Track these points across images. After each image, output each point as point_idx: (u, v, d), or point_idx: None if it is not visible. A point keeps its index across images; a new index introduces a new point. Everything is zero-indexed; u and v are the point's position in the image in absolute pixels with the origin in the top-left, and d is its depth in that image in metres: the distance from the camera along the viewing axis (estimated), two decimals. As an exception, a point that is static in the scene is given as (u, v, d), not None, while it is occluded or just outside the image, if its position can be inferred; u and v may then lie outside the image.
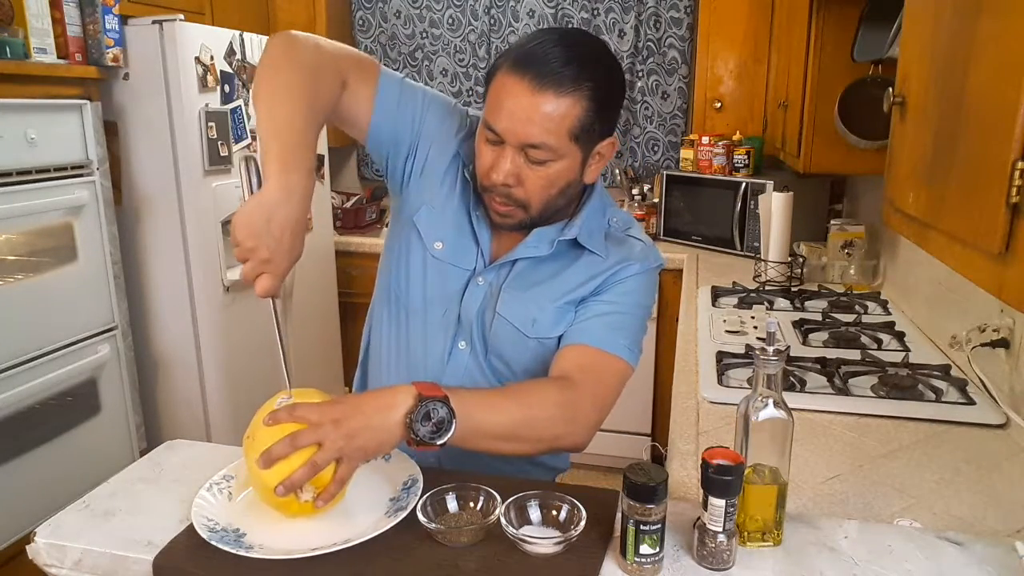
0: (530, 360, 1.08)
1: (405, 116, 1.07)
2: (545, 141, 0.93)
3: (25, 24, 1.88)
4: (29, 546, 0.85)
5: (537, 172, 0.97)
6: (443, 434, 0.83)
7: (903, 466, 1.15)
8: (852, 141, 1.93)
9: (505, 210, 1.01)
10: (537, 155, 0.95)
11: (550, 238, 1.06)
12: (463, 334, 1.09)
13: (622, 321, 1.04)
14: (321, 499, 0.80)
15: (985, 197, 0.70)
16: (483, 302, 1.08)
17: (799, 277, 2.30)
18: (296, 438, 0.79)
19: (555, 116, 0.92)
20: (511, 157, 0.96)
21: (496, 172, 0.97)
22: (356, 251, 3.11)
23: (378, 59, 3.65)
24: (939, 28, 0.90)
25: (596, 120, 0.96)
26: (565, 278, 1.07)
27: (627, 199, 3.06)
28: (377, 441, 0.82)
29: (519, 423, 0.91)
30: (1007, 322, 1.34)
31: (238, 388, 2.42)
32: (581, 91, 0.93)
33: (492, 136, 0.96)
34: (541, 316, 1.06)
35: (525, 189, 0.98)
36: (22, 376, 1.88)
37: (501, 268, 1.08)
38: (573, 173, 1.00)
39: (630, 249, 1.09)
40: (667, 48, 3.12)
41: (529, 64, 0.92)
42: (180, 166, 2.22)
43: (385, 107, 1.05)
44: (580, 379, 0.98)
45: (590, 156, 1.00)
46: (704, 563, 0.78)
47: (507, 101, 0.93)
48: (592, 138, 0.98)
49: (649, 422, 2.89)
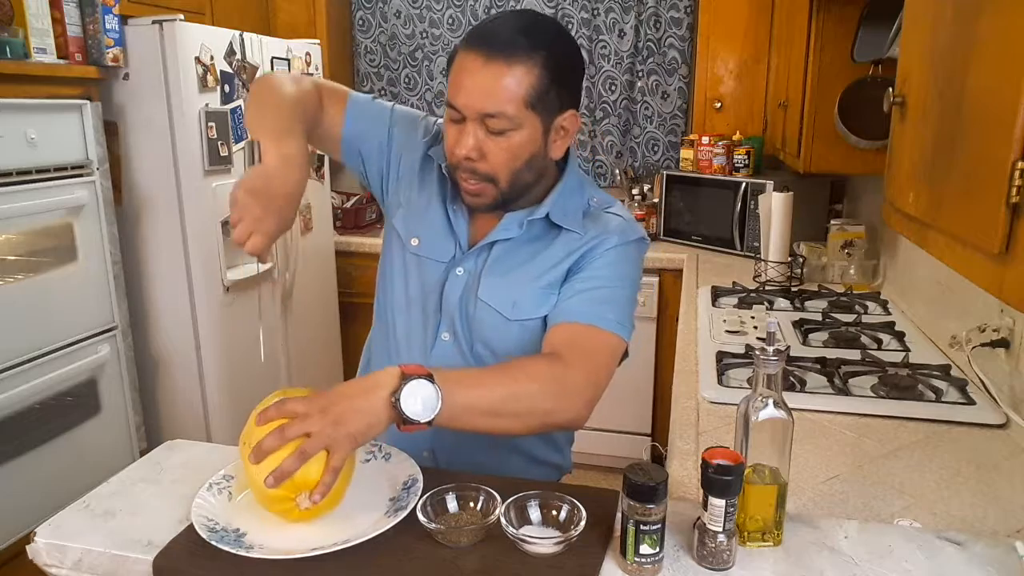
0: (514, 345, 1.09)
1: (374, 127, 1.15)
2: (501, 109, 0.97)
3: (25, 24, 1.88)
4: (29, 546, 0.85)
5: (499, 143, 1.00)
6: (428, 411, 0.83)
7: (903, 466, 1.15)
8: (852, 141, 1.93)
9: (475, 188, 1.04)
10: (495, 124, 0.98)
11: (519, 220, 1.09)
12: (446, 325, 1.11)
13: (606, 295, 1.04)
14: (318, 492, 0.80)
15: (985, 197, 0.70)
16: (464, 291, 1.10)
17: (799, 277, 2.30)
18: (285, 430, 0.80)
19: (509, 84, 0.96)
20: (472, 131, 0.99)
21: (459, 147, 1.00)
22: (356, 251, 3.11)
23: (378, 59, 3.64)
24: (939, 28, 0.90)
25: (551, 89, 0.99)
26: (543, 258, 1.08)
27: (627, 199, 3.06)
28: (365, 424, 0.82)
29: (506, 397, 0.91)
30: (1007, 322, 1.34)
31: (238, 388, 2.42)
32: (533, 59, 0.97)
33: (454, 114, 1.00)
34: (521, 298, 1.07)
35: (489, 162, 1.01)
36: (22, 376, 1.88)
37: (479, 255, 1.10)
38: (535, 145, 1.02)
39: (607, 223, 1.10)
40: (667, 48, 3.12)
41: (481, 38, 0.98)
42: (180, 166, 2.22)
43: (354, 118, 1.14)
44: (568, 354, 0.97)
45: (551, 128, 1.03)
46: (704, 563, 0.78)
47: (463, 76, 0.98)
48: (549, 108, 1.00)
49: (649, 422, 2.89)
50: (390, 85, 3.47)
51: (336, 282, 3.08)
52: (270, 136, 0.94)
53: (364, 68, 3.48)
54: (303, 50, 2.73)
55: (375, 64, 3.47)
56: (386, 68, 3.46)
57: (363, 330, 1.28)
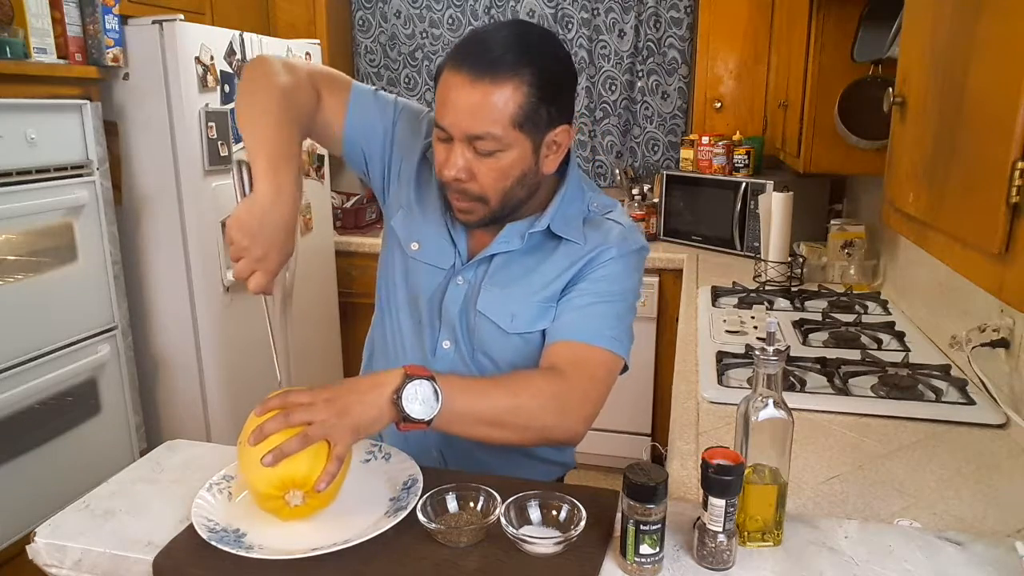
0: (515, 356, 1.08)
1: (377, 123, 1.11)
2: (488, 131, 0.94)
3: (25, 24, 1.88)
4: (29, 546, 0.85)
5: (488, 164, 0.97)
6: (427, 412, 0.85)
7: (903, 466, 1.15)
8: (852, 141, 1.93)
9: (464, 206, 1.02)
10: (484, 146, 0.95)
11: (520, 232, 1.07)
12: (447, 333, 1.11)
13: (604, 311, 1.03)
14: (322, 481, 0.80)
15: (985, 197, 0.70)
16: (464, 301, 1.09)
17: (799, 277, 2.30)
18: (289, 415, 0.81)
19: (496, 105, 0.93)
20: (460, 151, 0.97)
21: (448, 168, 0.98)
22: (356, 251, 3.11)
23: (378, 59, 3.64)
24: (939, 28, 0.90)
25: (540, 107, 0.95)
26: (544, 270, 1.07)
27: (627, 199, 3.06)
28: (368, 417, 0.83)
29: (506, 409, 0.92)
30: (1007, 322, 1.34)
31: (238, 388, 2.42)
32: (520, 78, 0.93)
33: (442, 134, 0.98)
34: (520, 311, 1.06)
35: (479, 183, 0.99)
36: (22, 376, 1.88)
37: (479, 266, 1.09)
38: (526, 163, 0.99)
39: (607, 233, 1.08)
40: (667, 48, 3.12)
41: (466, 57, 0.94)
42: (180, 166, 2.22)
43: (357, 113, 1.09)
44: (569, 372, 0.97)
45: (542, 145, 1.00)
46: (704, 563, 0.78)
47: (449, 96, 0.95)
48: (539, 126, 0.97)
49: (649, 422, 2.89)
50: (390, 85, 3.47)
51: (336, 282, 3.08)
52: (264, 160, 0.90)
53: (364, 68, 3.48)
54: (303, 50, 2.73)
55: (375, 64, 3.47)
56: (386, 68, 3.46)
57: (363, 330, 1.28)
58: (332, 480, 0.81)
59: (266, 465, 0.79)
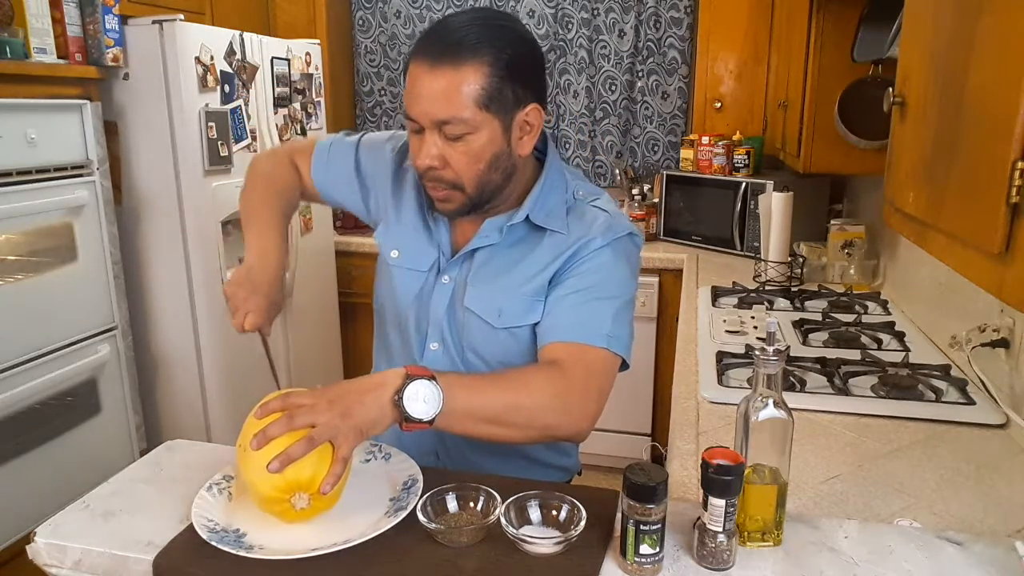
0: (504, 352, 1.08)
1: (340, 168, 1.21)
2: (454, 115, 0.95)
3: (25, 24, 1.88)
4: (29, 546, 0.85)
5: (459, 149, 0.98)
6: (429, 412, 0.85)
7: (903, 466, 1.15)
8: (852, 141, 1.93)
9: (441, 195, 1.03)
10: (452, 130, 0.96)
11: (498, 226, 1.07)
12: (434, 335, 1.11)
13: (599, 308, 1.01)
14: (327, 483, 0.80)
15: (985, 197, 0.70)
16: (451, 300, 1.10)
17: (799, 277, 2.30)
18: (293, 418, 0.80)
19: (458, 88, 0.94)
20: (432, 140, 0.98)
21: (421, 157, 0.99)
22: (356, 251, 3.11)
23: (378, 59, 3.64)
24: (939, 28, 0.90)
25: (504, 87, 0.96)
26: (529, 263, 1.06)
27: (627, 199, 3.06)
28: (371, 418, 0.83)
29: (508, 407, 0.92)
30: (1007, 322, 1.34)
31: (238, 388, 2.41)
32: (480, 58, 0.94)
33: (413, 125, 0.99)
34: (507, 305, 1.06)
35: (453, 169, 0.99)
36: (22, 376, 1.88)
37: (462, 263, 1.10)
38: (497, 145, 0.99)
39: (592, 222, 1.06)
40: (667, 48, 3.12)
41: (428, 45, 0.96)
42: (180, 166, 2.22)
43: (318, 169, 1.23)
44: (570, 370, 0.97)
45: (512, 125, 0.99)
46: (704, 563, 0.78)
47: (415, 86, 0.96)
48: (506, 106, 0.97)
49: (649, 422, 2.89)
50: (390, 85, 3.47)
51: (336, 282, 3.08)
52: (254, 234, 1.12)
53: (364, 68, 3.48)
54: (303, 50, 2.73)
55: (375, 64, 3.47)
56: (386, 68, 3.46)
57: (363, 330, 1.29)
58: (337, 482, 0.81)
59: (273, 471, 0.78)
